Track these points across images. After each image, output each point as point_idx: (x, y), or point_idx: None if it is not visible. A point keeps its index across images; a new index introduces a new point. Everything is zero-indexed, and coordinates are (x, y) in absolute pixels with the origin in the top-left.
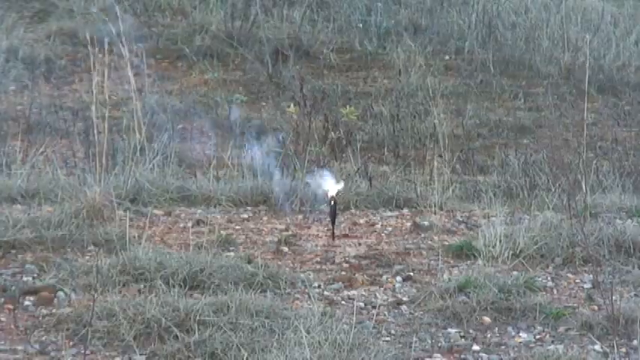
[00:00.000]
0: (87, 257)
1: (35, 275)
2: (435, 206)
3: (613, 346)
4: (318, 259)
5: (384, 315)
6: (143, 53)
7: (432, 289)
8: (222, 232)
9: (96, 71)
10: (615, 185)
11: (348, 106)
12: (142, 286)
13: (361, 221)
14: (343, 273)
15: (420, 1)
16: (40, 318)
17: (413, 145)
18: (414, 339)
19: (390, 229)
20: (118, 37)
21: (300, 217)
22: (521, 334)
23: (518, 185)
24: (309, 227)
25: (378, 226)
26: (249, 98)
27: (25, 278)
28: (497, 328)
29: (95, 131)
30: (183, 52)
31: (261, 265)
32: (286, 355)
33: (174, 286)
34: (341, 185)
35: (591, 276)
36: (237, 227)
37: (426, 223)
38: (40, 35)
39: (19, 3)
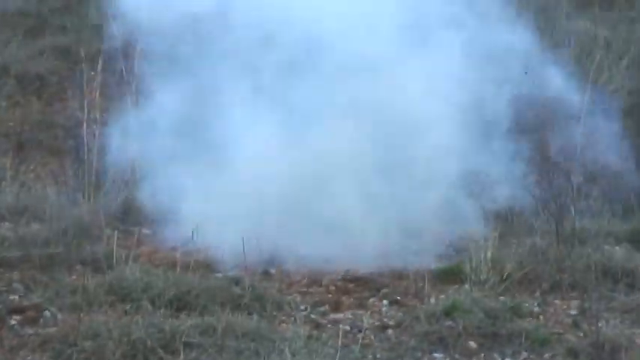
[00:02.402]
0: (74, 276)
1: (22, 294)
2: (423, 229)
3: None
4: (306, 281)
5: (370, 339)
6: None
7: (418, 313)
8: (209, 253)
9: (88, 89)
10: (604, 210)
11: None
12: (128, 306)
13: (348, 244)
14: (330, 296)
15: None
16: (26, 337)
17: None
18: None
19: (377, 251)
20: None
21: (289, 238)
22: None
23: (506, 210)
24: (296, 249)
25: (367, 248)
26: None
27: (11, 297)
28: (483, 354)
29: (86, 149)
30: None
31: (248, 287)
32: None
33: (160, 307)
34: None
35: (578, 302)
36: (225, 248)
37: (414, 246)
38: (33, 52)
39: (12, 19)
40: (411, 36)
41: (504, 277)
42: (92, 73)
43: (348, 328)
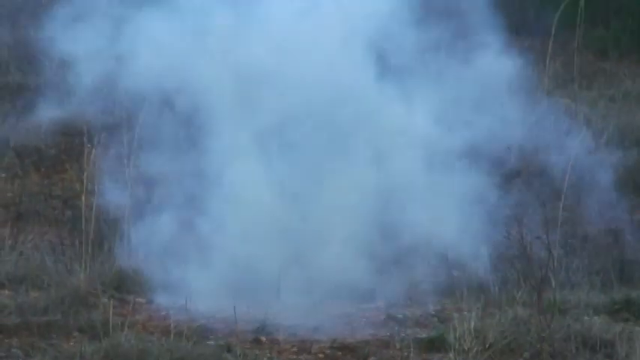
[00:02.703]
0: (72, 343)
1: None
2: (409, 299)
3: None
4: (295, 349)
5: None
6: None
7: None
8: (202, 320)
9: (85, 161)
10: (584, 283)
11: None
12: None
13: (336, 312)
14: None
15: None
16: None
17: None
18: None
19: (364, 320)
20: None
21: (279, 307)
22: None
23: (490, 280)
24: (285, 318)
25: (353, 316)
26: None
27: None
28: None
29: (83, 220)
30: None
31: (240, 354)
32: None
33: None
34: None
35: None
36: (217, 316)
37: (400, 315)
38: (32, 125)
39: (11, 93)
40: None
41: (487, 346)
42: (89, 145)
43: None
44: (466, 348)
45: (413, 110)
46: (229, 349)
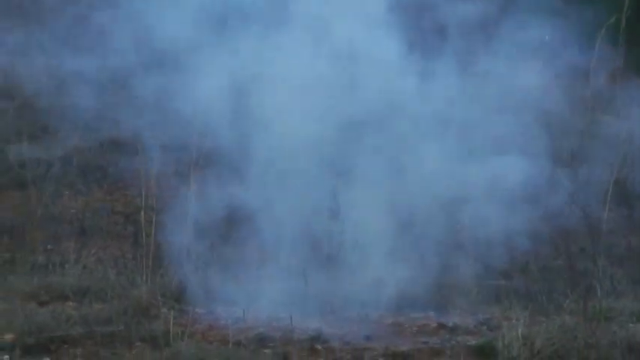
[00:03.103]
0: (134, 352)
1: None
2: (459, 308)
3: None
4: (350, 356)
5: None
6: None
7: None
8: (260, 329)
9: (146, 178)
10: (628, 291)
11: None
12: None
13: (389, 321)
14: None
15: None
16: None
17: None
18: None
19: (415, 329)
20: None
21: (333, 317)
22: None
23: (537, 290)
24: (341, 326)
25: (406, 325)
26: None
27: None
28: None
29: (144, 234)
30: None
31: None
32: None
33: None
34: None
35: None
36: (274, 325)
37: (451, 323)
38: (93, 144)
39: (72, 113)
40: None
41: (535, 353)
42: (150, 163)
43: None
44: (514, 355)
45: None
46: (286, 357)
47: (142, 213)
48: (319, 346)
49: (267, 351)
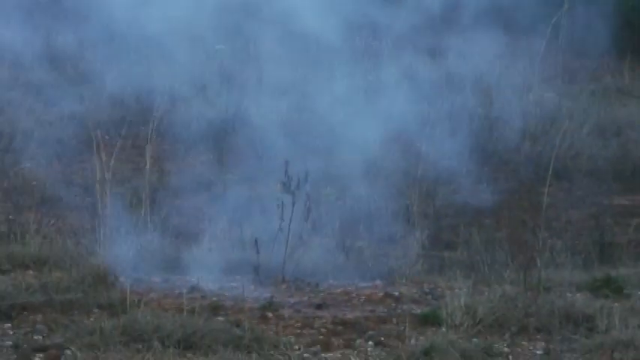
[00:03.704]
0: (92, 319)
1: (45, 335)
2: (405, 278)
3: None
4: (299, 324)
5: None
6: (147, 137)
7: (400, 353)
8: (213, 298)
9: (104, 153)
10: (567, 262)
11: (328, 188)
12: (140, 346)
13: (338, 291)
14: (321, 337)
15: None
16: None
17: (387, 222)
18: None
19: (363, 298)
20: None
21: (284, 286)
22: None
23: (480, 261)
24: (291, 295)
25: (354, 294)
26: (240, 178)
27: (35, 337)
28: None
29: (99, 206)
30: (182, 136)
31: (248, 329)
32: None
33: (169, 347)
34: None
35: (543, 344)
36: (226, 294)
37: (397, 293)
38: (54, 118)
39: (35, 89)
40: None
41: (477, 321)
42: (106, 137)
43: None
44: (457, 323)
45: None
46: (238, 325)
47: (98, 185)
48: (270, 314)
49: (220, 318)
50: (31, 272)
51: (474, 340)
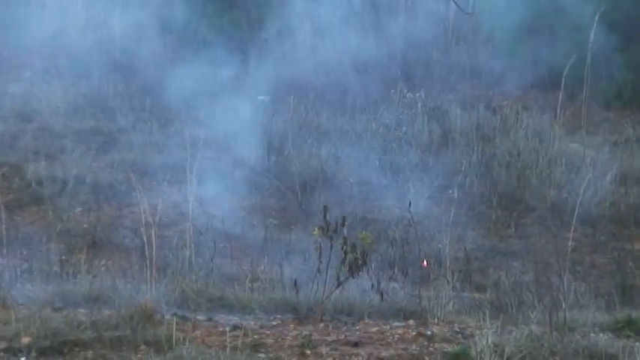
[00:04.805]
0: (139, 355)
1: None
2: (436, 318)
3: None
4: None
5: None
6: (193, 182)
7: None
8: (254, 336)
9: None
10: (591, 304)
11: (363, 232)
12: None
13: (373, 329)
14: None
15: (429, 142)
16: None
17: (419, 265)
18: None
19: (397, 337)
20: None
21: (322, 325)
22: None
23: (508, 302)
24: (328, 334)
25: (388, 333)
26: (281, 222)
27: None
28: None
29: (147, 247)
30: (226, 181)
31: None
32: None
33: None
34: None
35: None
36: (267, 332)
37: (429, 332)
38: (104, 164)
39: (86, 136)
40: None
41: (505, 359)
42: (154, 182)
43: None
44: None
45: None
46: None
47: (146, 228)
48: (308, 352)
49: (261, 355)
50: (82, 310)
51: None
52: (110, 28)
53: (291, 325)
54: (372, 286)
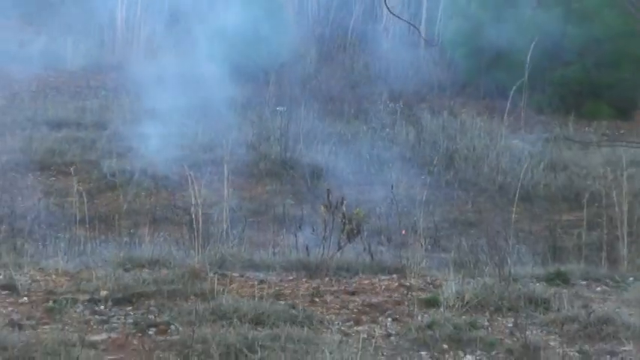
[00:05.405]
0: (189, 303)
1: (156, 315)
2: (413, 273)
3: None
4: (338, 306)
5: (380, 342)
6: (228, 173)
7: (410, 327)
8: (276, 288)
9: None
10: (529, 261)
11: (357, 208)
12: (224, 322)
13: (365, 282)
14: (354, 315)
15: (406, 141)
16: (159, 342)
17: (400, 234)
18: (399, 359)
19: (383, 287)
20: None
21: (327, 279)
22: (467, 356)
23: (467, 260)
24: (332, 285)
25: (377, 284)
26: (295, 202)
27: (149, 316)
28: (452, 352)
29: (194, 222)
30: (253, 170)
31: (301, 310)
32: None
33: (245, 323)
34: None
35: (512, 319)
36: (285, 285)
37: (408, 283)
38: (161, 159)
39: (146, 137)
40: None
41: (465, 303)
42: (199, 173)
43: (365, 336)
44: (451, 305)
45: None
46: (294, 307)
47: (194, 208)
48: (317, 299)
49: (281, 302)
50: (145, 270)
51: (463, 317)
52: (169, 59)
53: (304, 280)
54: (364, 249)
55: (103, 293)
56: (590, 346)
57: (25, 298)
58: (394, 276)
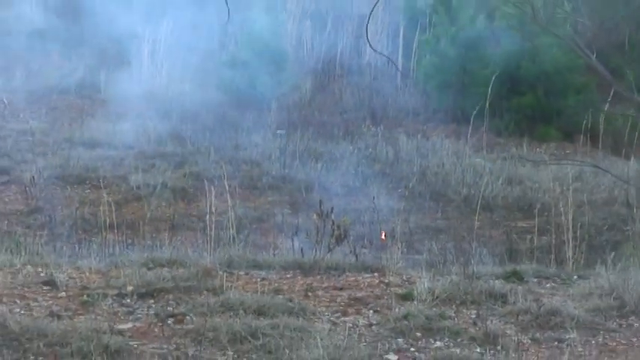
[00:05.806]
0: (202, 297)
1: (174, 307)
2: (392, 272)
3: (486, 350)
4: (328, 300)
5: (363, 330)
6: (235, 186)
7: (389, 317)
8: (275, 284)
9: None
10: (489, 261)
11: (344, 217)
12: (231, 313)
13: (351, 279)
14: (341, 308)
15: (386, 159)
16: (176, 330)
17: (380, 238)
18: (379, 345)
19: (366, 283)
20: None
21: (319, 277)
22: (437, 343)
23: (437, 261)
24: (323, 282)
25: (360, 281)
26: (292, 211)
27: (168, 308)
28: (424, 339)
29: (207, 228)
30: (257, 184)
31: (297, 303)
32: (309, 351)
33: (249, 314)
34: None
35: (475, 311)
36: (283, 281)
37: (387, 280)
38: (179, 175)
39: (168, 157)
40: None
41: (435, 297)
42: (211, 187)
43: (350, 325)
44: (423, 299)
45: None
46: (291, 300)
47: (208, 215)
48: (310, 294)
49: (279, 296)
50: (166, 269)
51: (434, 309)
52: (184, 87)
53: (299, 277)
54: (350, 251)
55: (129, 288)
56: (541, 334)
57: (63, 293)
58: (375, 274)
